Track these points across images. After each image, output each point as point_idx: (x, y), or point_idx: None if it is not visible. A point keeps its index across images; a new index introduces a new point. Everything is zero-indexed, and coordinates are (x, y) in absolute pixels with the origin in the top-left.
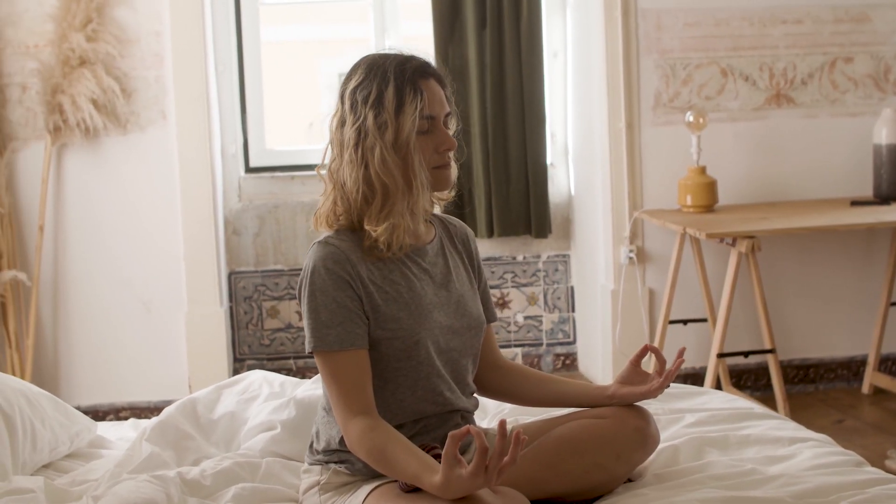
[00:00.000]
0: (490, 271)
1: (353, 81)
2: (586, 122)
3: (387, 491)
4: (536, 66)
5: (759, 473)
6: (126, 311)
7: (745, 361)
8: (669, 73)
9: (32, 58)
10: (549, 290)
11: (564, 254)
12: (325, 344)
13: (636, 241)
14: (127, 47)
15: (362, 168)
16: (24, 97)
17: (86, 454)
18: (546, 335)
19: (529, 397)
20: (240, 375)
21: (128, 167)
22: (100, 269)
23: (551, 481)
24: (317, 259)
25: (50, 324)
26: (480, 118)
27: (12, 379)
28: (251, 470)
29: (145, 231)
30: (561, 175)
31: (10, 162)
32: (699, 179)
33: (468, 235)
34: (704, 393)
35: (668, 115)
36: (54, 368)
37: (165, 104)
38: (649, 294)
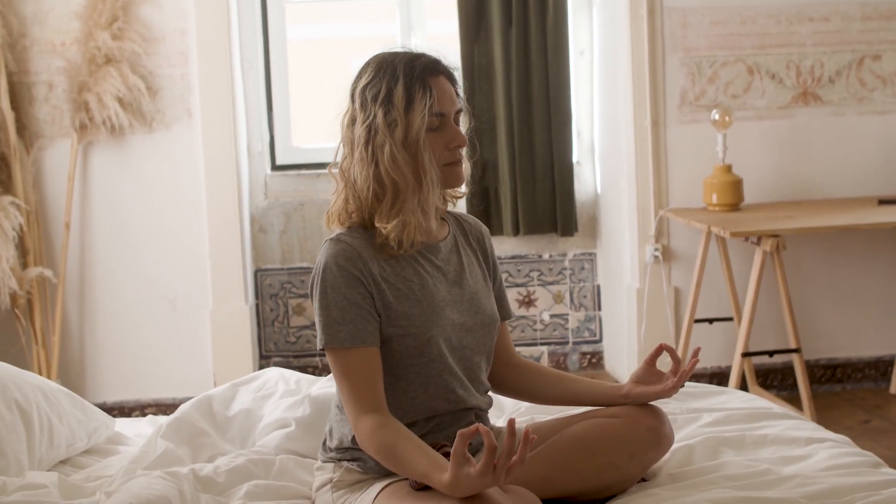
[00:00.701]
0: (516, 269)
1: (363, 80)
2: (612, 120)
3: (397, 489)
4: (562, 64)
5: (773, 474)
6: (151, 308)
7: (771, 361)
8: (695, 71)
9: (59, 56)
10: (576, 289)
11: (591, 252)
12: (336, 341)
13: (662, 239)
14: (152, 45)
15: (373, 166)
16: (51, 95)
17: (103, 450)
18: (572, 333)
19: (544, 396)
20: (256, 372)
21: (153, 165)
22: (125, 266)
23: (564, 480)
24: (328, 256)
25: (76, 321)
26: (506, 117)
27: (30, 375)
28: (265, 467)
29: (171, 228)
30: (587, 173)
31: (36, 159)
32: (725, 178)
33: (483, 233)
34: (723, 392)
35: (693, 113)
36: (80, 365)
37: (191, 102)
38: (675, 293)
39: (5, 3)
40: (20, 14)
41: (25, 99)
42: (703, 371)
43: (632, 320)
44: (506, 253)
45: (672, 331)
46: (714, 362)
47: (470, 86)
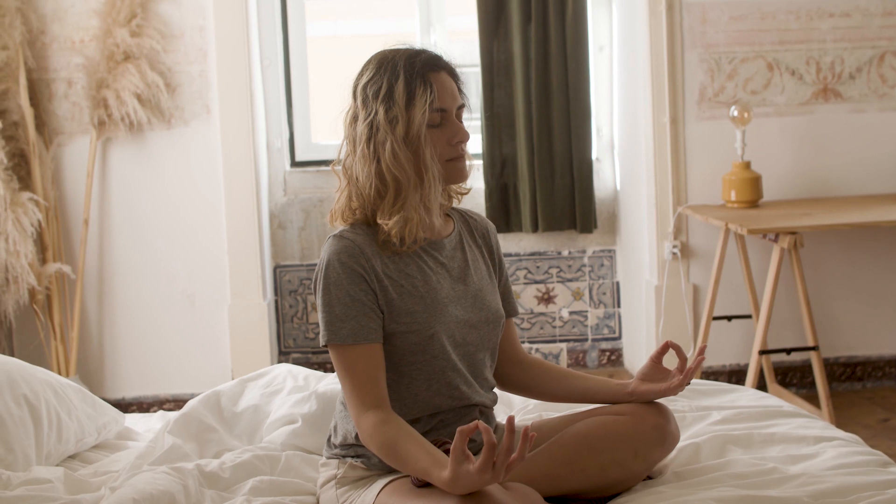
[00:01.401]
0: (535, 266)
1: (364, 77)
2: (631, 116)
3: (400, 486)
4: (582, 60)
5: (779, 472)
6: (170, 303)
7: (790, 359)
8: (714, 67)
9: (78, 53)
10: (595, 286)
11: (610, 249)
12: (338, 337)
13: (680, 236)
14: (171, 42)
15: (374, 162)
16: (70, 92)
17: (113, 445)
18: (591, 330)
19: (550, 393)
20: (265, 368)
21: (172, 161)
22: (144, 262)
23: (568, 478)
24: (331, 253)
25: (95, 316)
26: (525, 113)
27: (40, 370)
28: (271, 463)
29: (189, 224)
30: (606, 170)
31: (56, 156)
32: (743, 174)
33: (489, 229)
34: (734, 390)
35: (712, 109)
36: (99, 361)
37: (209, 98)
38: (693, 290)
39: (25, 1)
40: (40, 11)
41: (45, 96)
42: (722, 368)
43: (650, 317)
44: (525, 250)
45: (690, 328)
46: (732, 360)
47: (489, 82)
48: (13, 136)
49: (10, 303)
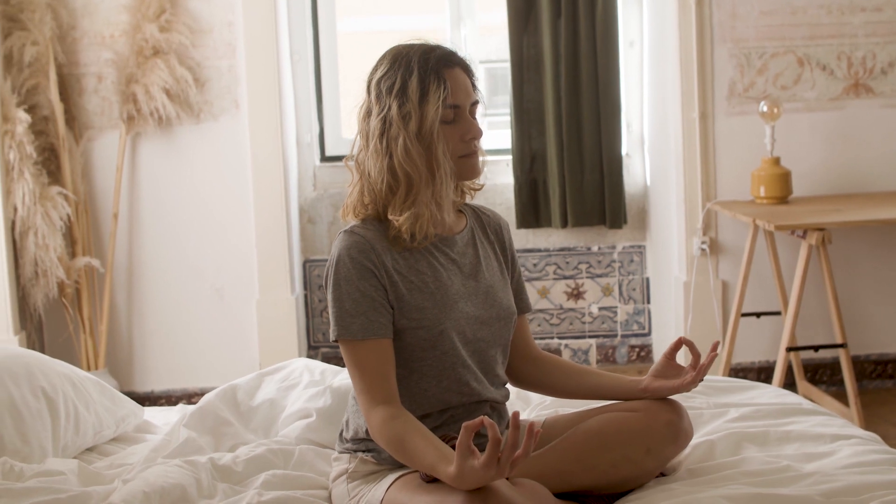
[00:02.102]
0: (565, 261)
1: (378, 72)
2: (661, 112)
3: (409, 481)
4: (612, 55)
5: (793, 470)
6: (198, 297)
7: (820, 356)
8: (744, 62)
9: (108, 48)
10: (625, 281)
11: (640, 245)
12: (348, 333)
13: (709, 232)
14: (200, 37)
15: (387, 158)
16: (100, 86)
17: (132, 438)
18: (621, 326)
19: (563, 389)
20: (283, 363)
21: (201, 156)
22: (173, 255)
23: (579, 474)
24: (342, 248)
25: (124, 310)
26: (555, 108)
27: (58, 363)
28: (284, 457)
29: (218, 219)
30: (637, 165)
31: (85, 150)
32: (773, 170)
33: (501, 225)
34: (754, 387)
35: (742, 104)
36: (128, 354)
37: (238, 93)
38: (722, 286)
39: None
40: (70, 7)
41: (75, 90)
42: (751, 365)
43: (679, 314)
44: (554, 245)
45: (719, 324)
46: (762, 357)
47: (518, 77)
48: (43, 131)
49: (39, 296)
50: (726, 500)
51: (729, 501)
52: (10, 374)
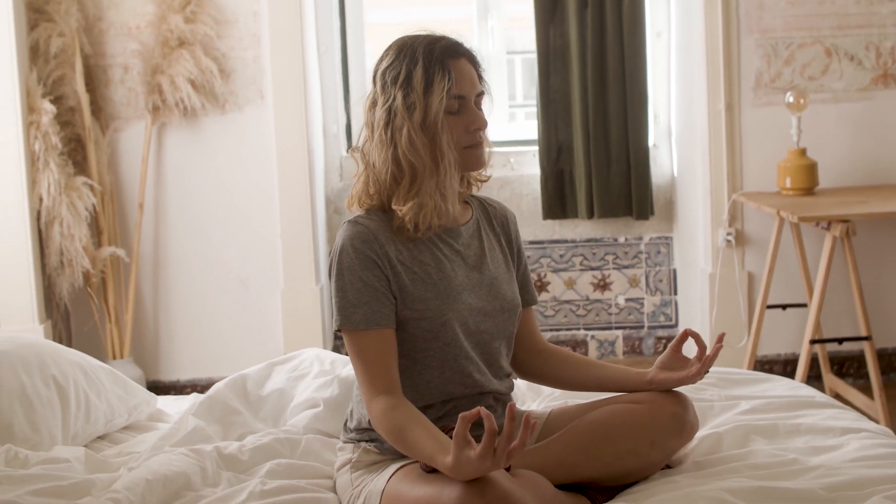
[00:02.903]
0: (591, 252)
1: (384, 62)
2: (688, 103)
3: (410, 471)
4: (638, 46)
5: (799, 464)
6: (223, 287)
7: (846, 349)
8: (771, 52)
9: (134, 39)
10: (651, 273)
11: (667, 236)
12: (351, 323)
13: (735, 223)
14: (225, 28)
15: (391, 148)
16: (126, 77)
17: (144, 427)
18: (647, 318)
19: (569, 381)
20: (294, 353)
21: (226, 146)
22: (198, 246)
23: (583, 466)
24: (345, 238)
25: (150, 299)
26: (581, 99)
27: (70, 352)
28: (290, 446)
29: (243, 209)
30: (664, 156)
31: (112, 141)
32: (799, 161)
33: (508, 217)
34: (768, 380)
35: (769, 95)
36: (154, 343)
37: (263, 84)
38: (748, 278)
39: None
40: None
41: (101, 81)
42: (777, 358)
43: (705, 305)
44: (581, 236)
45: (744, 316)
46: (788, 349)
47: (545, 68)
48: (69, 122)
49: (64, 285)
50: (728, 493)
51: (730, 494)
52: (21, 362)
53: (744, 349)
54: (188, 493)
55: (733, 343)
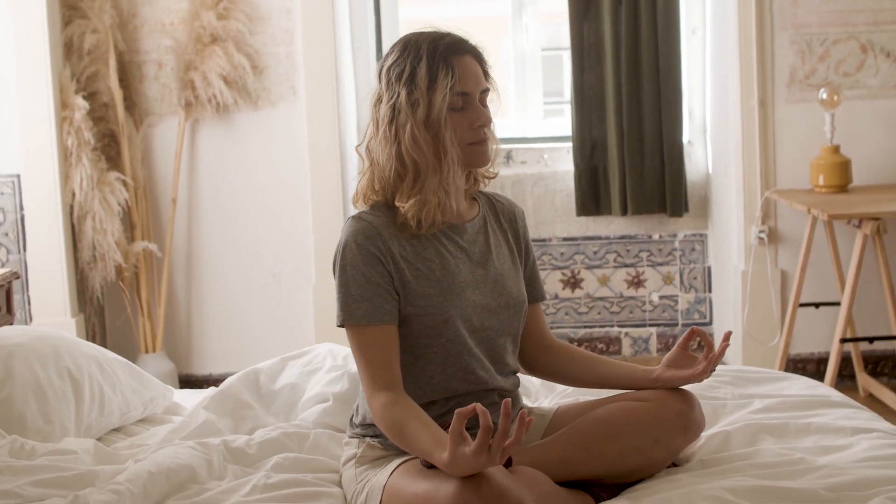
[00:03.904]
0: (625, 249)
1: (389, 59)
2: (723, 99)
3: (411, 467)
4: (673, 42)
5: (805, 463)
6: (256, 282)
7: (882, 347)
8: (805, 48)
9: (167, 35)
10: (686, 270)
11: (702, 233)
12: (353, 318)
13: (768, 221)
14: (258, 25)
15: (395, 145)
16: (160, 73)
17: (160, 420)
18: (682, 315)
19: (576, 378)
20: (307, 347)
21: (259, 142)
22: (231, 241)
23: (586, 463)
24: (349, 234)
25: (183, 294)
26: (615, 95)
27: (86, 345)
28: (299, 440)
29: (275, 204)
30: (699, 153)
31: (146, 136)
32: (832, 159)
33: (516, 213)
34: (786, 378)
35: (803, 92)
36: (187, 337)
37: (296, 81)
38: (781, 275)
39: None
40: None
41: (136, 77)
42: (811, 356)
43: (737, 303)
44: (615, 233)
45: (777, 314)
46: (821, 348)
47: (579, 64)
48: (103, 117)
49: (97, 279)
50: (728, 492)
51: (731, 493)
52: (36, 355)
53: (776, 347)
54: (192, 486)
55: (765, 341)
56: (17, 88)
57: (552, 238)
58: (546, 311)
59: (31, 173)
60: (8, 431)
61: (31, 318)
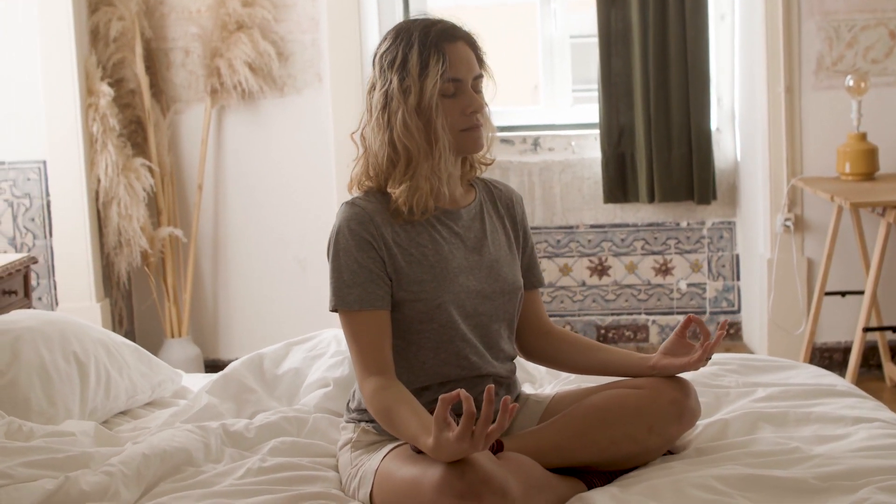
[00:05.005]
0: (653, 237)
1: (382, 47)
2: (750, 86)
3: (402, 452)
4: (701, 28)
5: (800, 452)
6: (281, 267)
7: None
8: (833, 35)
9: (194, 23)
10: (714, 258)
11: (730, 221)
12: (345, 303)
13: (795, 209)
14: (283, 12)
15: (387, 131)
16: (188, 60)
17: (168, 403)
18: (710, 303)
19: (574, 364)
20: (312, 333)
21: (284, 128)
22: (256, 226)
23: (578, 450)
24: (342, 220)
25: (209, 279)
26: (643, 82)
27: (94, 329)
28: (298, 425)
29: (301, 190)
30: (727, 140)
31: (173, 123)
32: (858, 146)
33: (514, 200)
34: (793, 367)
35: (830, 79)
36: (213, 322)
37: (321, 67)
38: (808, 264)
39: None
40: None
41: (163, 64)
42: (837, 345)
43: (763, 291)
44: (642, 220)
45: (802, 303)
46: (846, 337)
47: (606, 51)
48: (129, 104)
49: (122, 265)
50: (716, 481)
51: (719, 482)
52: (43, 338)
53: (801, 336)
54: (188, 469)
55: (791, 330)
56: (43, 76)
57: (579, 225)
58: (573, 298)
59: (57, 160)
60: (13, 414)
61: (56, 303)
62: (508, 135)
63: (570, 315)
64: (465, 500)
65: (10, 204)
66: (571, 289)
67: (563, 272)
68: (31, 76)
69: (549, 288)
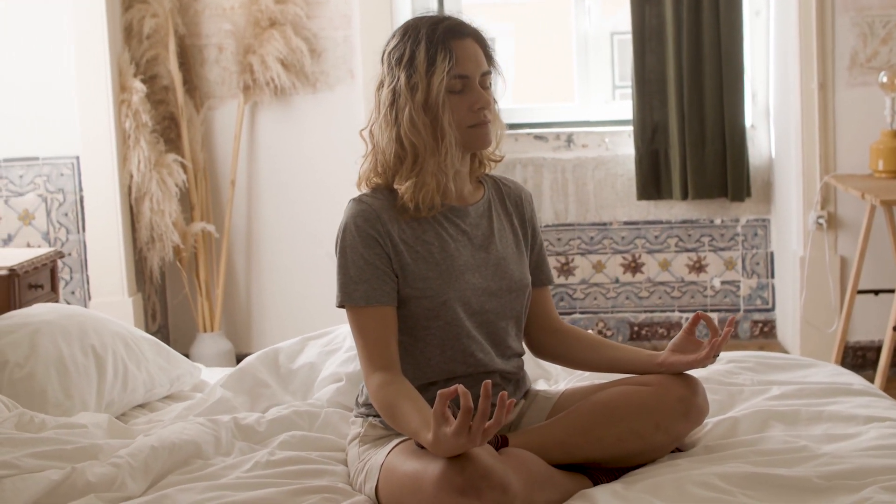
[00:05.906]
0: (687, 234)
1: (390, 44)
2: (785, 83)
3: (406, 447)
4: (736, 24)
5: (808, 451)
6: (314, 263)
7: None
8: (867, 31)
9: (227, 19)
10: (748, 255)
11: (765, 218)
12: (351, 299)
13: (828, 206)
14: (315, 9)
15: (395, 128)
16: (221, 57)
17: (186, 397)
18: (744, 301)
19: (582, 361)
20: (328, 328)
21: (317, 125)
22: (288, 222)
23: (584, 447)
24: (349, 217)
25: (242, 274)
26: (676, 78)
27: (113, 322)
28: (309, 419)
29: (333, 186)
30: (762, 137)
31: (206, 119)
32: (892, 143)
33: (522, 197)
34: (812, 365)
35: (864, 75)
36: (246, 317)
37: (353, 63)
38: (841, 262)
39: None
40: None
41: (197, 61)
42: (871, 344)
43: (796, 289)
44: (676, 217)
45: (835, 301)
46: (878, 335)
47: (640, 48)
48: (163, 100)
49: (155, 259)
50: (719, 479)
51: (722, 480)
52: (62, 331)
53: (833, 335)
54: (196, 461)
55: (823, 328)
56: (77, 72)
57: (613, 222)
58: (606, 296)
59: (90, 155)
60: (30, 406)
61: (89, 298)
62: (542, 131)
63: (603, 312)
64: (465, 495)
65: (44, 199)
66: (605, 286)
67: (596, 269)
68: (64, 73)
69: (582, 285)
